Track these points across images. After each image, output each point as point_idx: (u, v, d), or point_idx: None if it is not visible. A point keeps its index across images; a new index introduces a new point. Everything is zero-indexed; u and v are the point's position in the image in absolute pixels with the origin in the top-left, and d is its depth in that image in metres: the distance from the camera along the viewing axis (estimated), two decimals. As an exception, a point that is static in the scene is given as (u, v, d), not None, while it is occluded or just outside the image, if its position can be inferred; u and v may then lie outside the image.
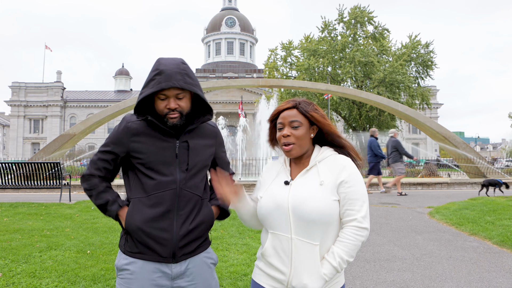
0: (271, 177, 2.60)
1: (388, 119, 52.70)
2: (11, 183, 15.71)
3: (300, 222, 2.37)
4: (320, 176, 2.44)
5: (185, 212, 2.69)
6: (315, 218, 2.35)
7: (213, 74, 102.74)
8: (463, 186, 23.88)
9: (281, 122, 2.54)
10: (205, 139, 2.88)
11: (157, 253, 2.64)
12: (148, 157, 2.68)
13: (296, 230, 2.37)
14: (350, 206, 2.42)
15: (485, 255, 7.51)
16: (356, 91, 33.19)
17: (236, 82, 34.63)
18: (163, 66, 2.65)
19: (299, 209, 2.37)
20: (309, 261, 2.35)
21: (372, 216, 11.79)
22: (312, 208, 2.35)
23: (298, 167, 2.57)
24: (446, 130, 28.45)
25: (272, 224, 2.45)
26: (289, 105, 2.56)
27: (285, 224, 2.40)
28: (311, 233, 2.37)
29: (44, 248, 7.35)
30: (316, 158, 2.53)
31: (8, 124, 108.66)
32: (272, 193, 2.50)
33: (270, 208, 2.45)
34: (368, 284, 5.87)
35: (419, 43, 51.28)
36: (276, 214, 2.42)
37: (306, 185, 2.44)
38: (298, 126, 2.49)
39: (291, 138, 2.49)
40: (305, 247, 2.36)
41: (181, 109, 2.71)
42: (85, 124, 28.23)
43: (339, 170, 2.46)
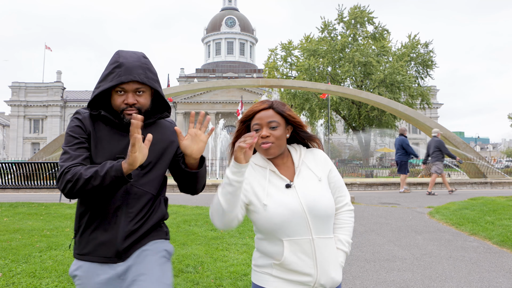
0: (261, 181, 2.47)
1: (391, 119, 52.79)
2: (11, 183, 15.71)
3: (318, 221, 2.38)
4: (315, 173, 2.49)
5: (134, 211, 2.54)
6: (330, 213, 2.43)
7: (213, 74, 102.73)
8: (463, 186, 23.88)
9: (258, 123, 2.47)
10: (163, 135, 2.72)
11: (102, 253, 2.52)
12: (100, 149, 2.52)
13: (315, 230, 2.37)
14: (339, 193, 2.59)
15: (485, 255, 7.51)
16: (356, 91, 33.18)
17: (236, 82, 34.61)
18: (123, 58, 2.49)
19: (315, 209, 2.37)
20: (331, 255, 2.41)
21: (372, 216, 11.79)
22: (326, 204, 2.41)
23: (282, 168, 2.53)
24: (446, 130, 28.45)
25: (289, 231, 2.35)
26: (264, 105, 2.52)
27: (304, 227, 2.36)
28: (328, 228, 2.44)
29: (44, 248, 7.35)
30: (300, 156, 2.56)
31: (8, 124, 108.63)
32: (279, 199, 2.38)
33: (284, 216, 2.34)
34: (368, 284, 5.87)
35: (418, 42, 51.41)
36: (293, 220, 2.35)
37: (309, 184, 2.45)
38: (276, 126, 2.46)
39: (271, 138, 2.44)
40: (325, 243, 2.40)
41: (140, 105, 2.54)
42: (85, 124, 28.18)
43: (323, 163, 2.57)
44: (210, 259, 6.77)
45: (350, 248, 2.54)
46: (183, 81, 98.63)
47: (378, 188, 22.68)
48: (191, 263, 6.50)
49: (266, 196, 2.41)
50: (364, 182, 23.21)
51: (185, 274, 6.00)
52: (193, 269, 6.23)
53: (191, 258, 6.76)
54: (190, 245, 7.71)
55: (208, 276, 5.91)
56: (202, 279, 5.77)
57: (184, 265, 6.36)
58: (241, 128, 2.60)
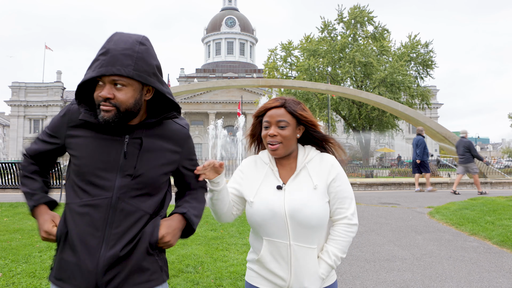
0: (258, 177, 2.49)
1: (391, 119, 52.79)
2: (11, 183, 15.72)
3: (299, 228, 2.33)
4: (313, 180, 2.42)
5: (119, 232, 2.09)
6: (313, 224, 2.34)
7: (213, 74, 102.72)
8: (463, 186, 23.85)
9: (267, 120, 2.46)
10: (167, 142, 2.28)
11: (77, 282, 2.09)
12: (83, 160, 2.16)
13: (294, 237, 2.33)
14: (340, 204, 2.45)
15: (485, 255, 7.51)
16: (356, 91, 33.19)
17: (236, 82, 34.62)
18: (112, 44, 2.08)
19: (298, 216, 2.32)
20: (309, 265, 2.35)
21: (372, 216, 11.79)
22: (311, 213, 2.33)
23: (285, 168, 2.51)
24: (446, 130, 28.44)
25: (268, 231, 2.37)
26: (276, 103, 2.49)
27: (283, 231, 2.34)
28: (310, 238, 2.36)
29: (44, 248, 7.35)
30: (304, 159, 2.49)
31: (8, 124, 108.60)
32: (265, 198, 2.40)
33: (265, 216, 2.36)
34: (368, 284, 5.87)
35: (418, 43, 51.39)
36: (273, 222, 2.34)
37: (300, 190, 2.40)
38: (285, 126, 2.43)
39: (278, 138, 2.42)
40: (304, 252, 2.34)
41: (117, 101, 2.06)
42: (85, 124, 28.19)
43: (328, 170, 2.47)
44: (210, 259, 6.77)
45: (337, 262, 2.41)
46: (183, 81, 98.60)
47: (378, 188, 22.70)
48: (191, 263, 6.50)
49: (256, 193, 2.43)
50: (364, 182, 23.22)
51: (185, 274, 6.01)
52: (193, 269, 6.23)
53: (191, 258, 6.76)
54: (190, 245, 7.71)
55: (208, 276, 5.91)
56: (202, 279, 5.77)
57: (184, 265, 6.36)
58: (255, 122, 2.60)
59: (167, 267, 2.33)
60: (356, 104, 51.95)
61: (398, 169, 38.73)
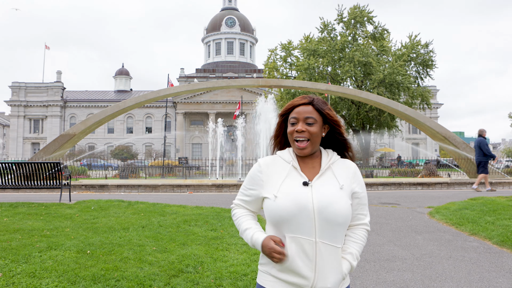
0: (280, 175, 2.45)
1: (388, 119, 52.79)
2: (11, 183, 15.70)
3: (326, 225, 2.31)
4: (339, 180, 2.43)
5: None
6: (340, 221, 2.34)
7: (213, 74, 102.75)
8: (463, 186, 23.88)
9: (295, 117, 2.47)
10: None
11: None
12: None
13: (321, 234, 2.31)
14: (361, 210, 2.51)
15: (485, 255, 7.51)
16: (356, 91, 33.19)
17: (236, 82, 34.64)
18: None
19: (326, 212, 2.31)
20: (333, 264, 2.34)
21: (372, 216, 11.78)
22: (339, 210, 2.33)
23: (308, 167, 2.49)
24: (446, 130, 28.46)
25: (293, 227, 2.32)
26: (304, 100, 2.50)
27: (309, 227, 2.30)
28: (335, 237, 2.35)
29: (44, 248, 7.35)
30: (328, 161, 2.49)
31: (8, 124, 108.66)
32: (291, 193, 2.36)
33: (291, 210, 2.31)
34: (368, 284, 5.87)
35: (418, 43, 51.38)
36: (299, 217, 2.30)
37: (327, 188, 2.39)
38: (313, 123, 2.44)
39: (306, 134, 2.43)
40: (329, 250, 2.33)
41: None
42: (85, 124, 28.23)
43: (352, 176, 2.49)
44: (210, 259, 6.77)
45: (357, 263, 2.46)
46: (183, 81, 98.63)
47: (378, 188, 22.71)
48: (191, 263, 6.49)
49: (279, 188, 2.39)
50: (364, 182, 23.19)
51: (185, 274, 6.01)
52: (193, 269, 6.22)
53: (191, 258, 6.75)
54: (190, 245, 7.71)
55: (208, 276, 5.91)
56: (202, 279, 5.77)
57: (184, 265, 6.36)
58: (280, 121, 2.60)
59: None
60: (355, 104, 51.97)
61: (398, 169, 38.72)
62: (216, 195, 18.97)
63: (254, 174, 2.53)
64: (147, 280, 5.65)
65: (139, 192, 21.04)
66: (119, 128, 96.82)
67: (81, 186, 21.76)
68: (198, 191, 21.50)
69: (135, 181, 24.17)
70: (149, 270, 6.07)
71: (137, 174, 33.28)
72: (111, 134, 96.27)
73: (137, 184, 22.22)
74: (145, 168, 35.90)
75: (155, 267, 6.23)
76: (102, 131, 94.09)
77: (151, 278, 5.75)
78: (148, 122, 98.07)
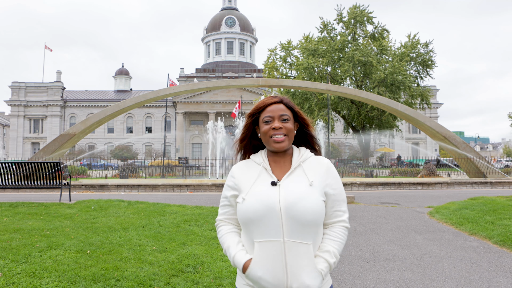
0: (251, 178, 2.45)
1: (390, 119, 52.80)
2: (11, 183, 15.70)
3: (294, 223, 2.29)
4: (308, 177, 2.41)
5: None
6: (309, 218, 2.31)
7: (213, 74, 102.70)
8: (463, 186, 23.89)
9: (270, 115, 2.47)
10: None
11: None
12: None
13: (288, 233, 2.28)
14: (338, 207, 2.46)
15: (485, 254, 7.51)
16: (356, 90, 33.18)
17: (236, 82, 34.61)
18: None
19: (293, 210, 2.28)
20: (305, 261, 2.30)
21: (372, 216, 11.79)
22: (306, 208, 2.30)
23: (279, 166, 2.50)
24: (446, 130, 28.47)
25: (260, 229, 2.31)
26: (276, 99, 2.53)
27: (276, 227, 2.29)
28: (304, 234, 2.32)
29: (44, 248, 7.35)
30: (299, 158, 2.49)
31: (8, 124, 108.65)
32: (258, 194, 2.35)
33: (258, 211, 2.30)
34: (368, 284, 5.87)
35: (418, 42, 51.41)
36: (266, 217, 2.29)
37: (296, 186, 2.37)
38: (288, 120, 2.46)
39: (283, 130, 2.44)
40: (298, 248, 2.30)
41: None
42: (85, 124, 28.24)
43: (324, 172, 2.47)
44: (210, 258, 6.77)
45: (335, 261, 2.39)
46: (183, 81, 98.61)
47: (378, 188, 22.72)
48: (191, 262, 6.50)
49: (249, 190, 2.39)
50: (364, 182, 23.23)
51: (185, 273, 6.01)
52: (193, 268, 6.23)
53: (191, 258, 6.76)
54: (190, 245, 7.71)
55: (208, 275, 5.92)
56: (202, 279, 5.77)
57: (184, 265, 6.36)
58: (248, 122, 2.59)
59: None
60: (356, 104, 51.97)
61: (398, 169, 38.72)
62: (216, 195, 18.98)
63: (228, 181, 2.54)
64: (147, 280, 5.65)
65: (139, 192, 21.05)
66: (119, 128, 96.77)
67: (81, 186, 21.77)
68: (198, 191, 21.51)
69: (135, 181, 24.18)
70: (149, 270, 6.07)
71: (137, 174, 33.28)
72: (111, 134, 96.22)
73: (137, 184, 22.23)
74: (145, 168, 35.91)
75: (155, 267, 6.24)
76: (102, 131, 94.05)
77: (151, 277, 5.75)
78: (148, 122, 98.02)
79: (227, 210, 2.54)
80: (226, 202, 2.54)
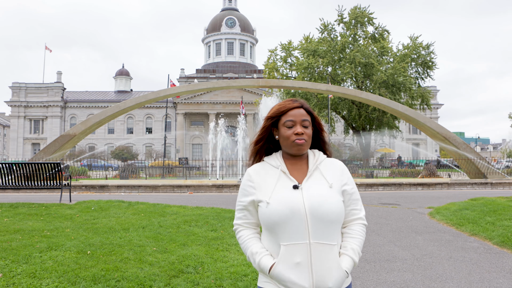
0: (270, 182, 2.47)
1: (391, 119, 52.81)
2: (12, 183, 15.70)
3: (319, 225, 2.33)
4: (327, 179, 2.47)
5: None
6: (333, 219, 2.37)
7: (213, 75, 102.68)
8: (463, 186, 23.88)
9: (292, 120, 2.50)
10: None
11: None
12: None
13: (314, 234, 2.32)
14: (354, 206, 2.53)
15: (486, 255, 7.51)
16: (356, 91, 33.20)
17: (236, 83, 34.65)
18: None
19: (318, 211, 2.33)
20: (330, 262, 2.34)
21: (372, 216, 11.79)
22: (331, 209, 2.36)
23: (296, 169, 2.53)
24: (446, 130, 28.47)
25: (286, 232, 2.34)
26: (297, 104, 2.56)
27: (302, 230, 2.32)
28: (329, 234, 2.37)
29: (44, 248, 7.35)
30: (316, 161, 2.54)
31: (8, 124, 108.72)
32: (282, 198, 2.38)
33: (284, 215, 2.33)
34: (368, 285, 5.87)
35: (420, 45, 51.45)
36: (292, 221, 2.32)
37: (317, 188, 2.42)
38: (308, 126, 2.51)
39: (304, 136, 2.48)
40: (324, 249, 2.33)
41: None
42: (85, 124, 28.25)
43: (340, 173, 2.54)
44: (211, 259, 6.77)
45: (359, 258, 2.46)
46: (183, 82, 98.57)
47: (379, 188, 22.71)
48: (192, 263, 6.49)
49: (271, 195, 2.40)
50: (365, 183, 23.22)
51: (185, 274, 6.01)
52: (193, 269, 6.22)
53: (192, 259, 6.76)
54: (191, 246, 7.71)
55: (209, 276, 5.91)
56: (203, 280, 5.77)
57: (184, 266, 6.36)
58: (268, 124, 2.61)
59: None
60: (356, 105, 51.96)
61: (398, 170, 38.73)
62: (216, 196, 18.98)
63: (245, 185, 2.55)
64: (147, 281, 5.65)
65: (139, 193, 21.05)
66: (119, 128, 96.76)
67: (82, 187, 21.77)
68: (198, 192, 21.52)
69: (135, 182, 24.18)
70: (149, 271, 6.07)
71: (137, 174, 33.29)
72: (111, 134, 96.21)
73: (138, 185, 22.23)
74: (146, 168, 35.90)
75: (156, 268, 6.24)
76: (103, 131, 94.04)
77: (151, 278, 5.75)
78: (149, 122, 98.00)
79: (245, 214, 2.55)
80: (241, 206, 2.56)
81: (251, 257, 2.45)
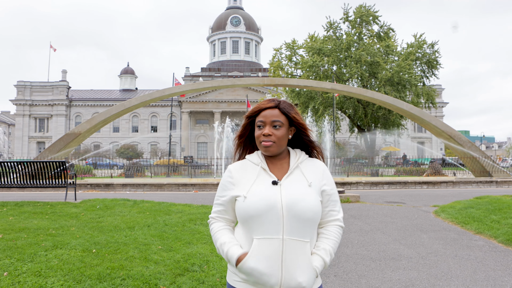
0: (250, 178, 2.50)
1: (397, 118, 52.74)
2: (17, 182, 15.74)
3: (294, 222, 2.35)
4: (307, 178, 2.48)
5: None
6: (309, 217, 2.38)
7: (218, 73, 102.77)
8: (469, 185, 23.84)
9: (262, 120, 2.51)
10: None
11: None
12: None
13: (288, 231, 2.34)
14: (333, 207, 2.55)
15: (491, 253, 7.49)
16: (361, 90, 33.15)
17: (241, 81, 34.60)
18: None
19: (295, 208, 2.35)
20: (301, 258, 2.35)
21: (377, 215, 11.78)
22: (308, 206, 2.37)
23: (277, 168, 2.54)
24: (452, 129, 28.40)
25: (260, 226, 2.35)
26: (271, 104, 2.55)
27: (276, 225, 2.33)
28: (304, 232, 2.38)
29: (49, 247, 7.36)
30: (297, 160, 2.55)
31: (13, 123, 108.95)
32: (260, 192, 2.41)
33: (260, 209, 2.35)
34: (373, 283, 5.86)
35: (424, 42, 51.36)
36: (267, 215, 2.34)
37: (296, 185, 2.44)
38: (280, 126, 2.49)
39: (272, 137, 2.48)
40: (296, 245, 2.35)
41: None
42: (90, 123, 28.29)
43: (320, 174, 2.55)
44: (216, 258, 6.77)
45: (330, 259, 2.46)
46: (188, 80, 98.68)
47: (384, 187, 22.70)
48: (197, 262, 6.50)
49: (249, 189, 2.43)
50: (370, 181, 23.22)
51: (190, 273, 6.01)
52: (198, 268, 6.23)
53: (197, 257, 6.76)
54: (196, 244, 7.72)
55: (214, 274, 5.92)
56: (208, 278, 5.77)
57: (189, 264, 6.36)
58: (246, 122, 2.64)
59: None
60: (362, 104, 51.88)
61: (403, 168, 38.67)
62: (221, 194, 18.97)
63: (225, 181, 2.57)
64: (152, 279, 5.66)
65: (144, 191, 21.09)
66: (125, 127, 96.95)
67: (87, 185, 21.83)
68: (204, 190, 21.54)
69: (140, 180, 24.24)
70: (154, 269, 6.08)
71: (142, 173, 33.35)
72: (117, 133, 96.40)
73: (143, 183, 22.28)
74: (151, 167, 35.96)
75: (161, 266, 6.24)
76: (108, 130, 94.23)
77: (156, 277, 5.76)
78: (154, 121, 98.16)
79: (221, 210, 2.58)
80: (219, 201, 2.59)
81: (220, 248, 2.45)
